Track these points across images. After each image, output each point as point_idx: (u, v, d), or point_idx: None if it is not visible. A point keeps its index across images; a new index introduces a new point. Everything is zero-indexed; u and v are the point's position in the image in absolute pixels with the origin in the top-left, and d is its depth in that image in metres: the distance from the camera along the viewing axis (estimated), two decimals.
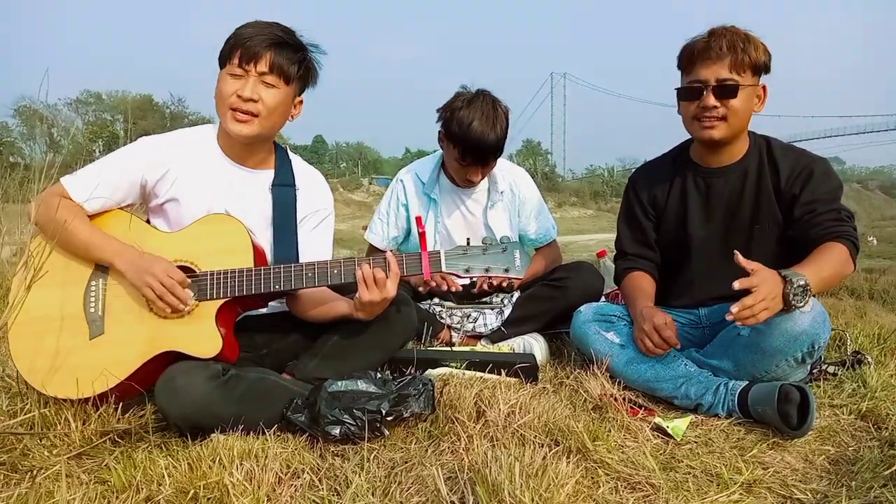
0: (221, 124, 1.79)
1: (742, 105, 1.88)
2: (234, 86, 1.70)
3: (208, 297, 1.66)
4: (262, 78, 1.71)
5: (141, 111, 48.19)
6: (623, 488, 1.36)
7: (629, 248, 2.23)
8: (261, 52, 1.69)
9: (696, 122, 1.93)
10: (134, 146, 1.81)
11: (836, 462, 1.52)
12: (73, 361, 1.61)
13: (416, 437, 1.61)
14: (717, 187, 2.04)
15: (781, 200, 1.95)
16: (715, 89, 1.86)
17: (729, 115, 1.88)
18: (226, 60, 1.72)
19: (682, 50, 1.94)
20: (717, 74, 1.86)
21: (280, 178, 1.88)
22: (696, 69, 1.89)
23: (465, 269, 1.69)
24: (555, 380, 2.09)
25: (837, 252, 1.78)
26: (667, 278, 2.17)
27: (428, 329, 2.41)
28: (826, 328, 1.76)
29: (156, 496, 1.27)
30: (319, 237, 1.96)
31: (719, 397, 1.80)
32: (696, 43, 1.90)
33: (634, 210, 2.22)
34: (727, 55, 1.84)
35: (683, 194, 2.10)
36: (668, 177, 2.15)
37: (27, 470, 1.40)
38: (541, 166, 74.51)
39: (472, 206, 2.70)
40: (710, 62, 1.86)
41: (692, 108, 1.92)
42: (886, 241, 15.81)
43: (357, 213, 41.69)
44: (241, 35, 1.70)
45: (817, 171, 1.91)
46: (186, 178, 1.78)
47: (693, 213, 2.08)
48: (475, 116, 2.35)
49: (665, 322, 1.88)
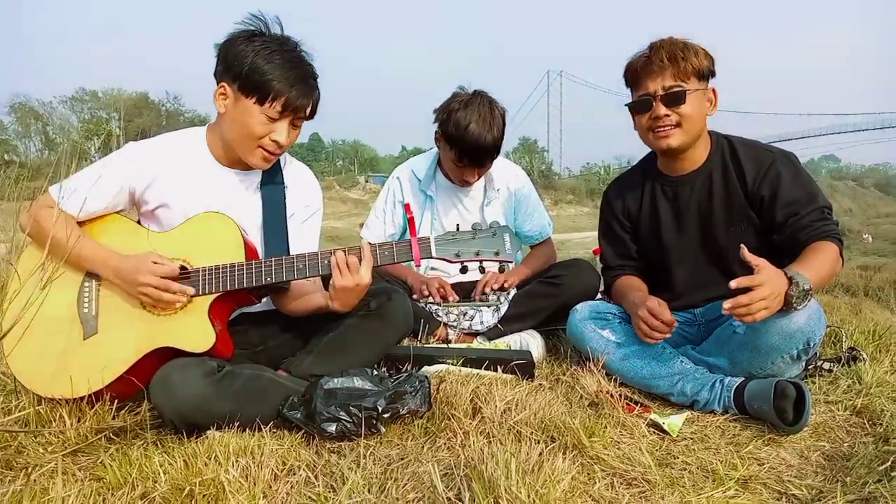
0: (226, 140, 1.78)
1: (693, 110, 1.91)
2: (267, 127, 1.70)
3: (201, 292, 1.66)
4: (295, 122, 1.75)
5: (137, 109, 48.05)
6: (619, 484, 1.37)
7: (613, 263, 2.26)
8: (304, 105, 1.72)
9: (651, 132, 1.96)
10: (120, 154, 1.78)
11: (831, 458, 1.52)
12: (68, 361, 1.61)
13: (413, 433, 1.61)
14: (683, 195, 2.06)
15: (751, 201, 1.96)
16: (663, 98, 1.89)
17: (682, 122, 1.91)
18: (262, 99, 1.67)
19: (627, 68, 1.99)
20: (662, 84, 1.89)
21: (269, 177, 1.89)
22: (643, 83, 1.93)
23: (455, 253, 1.69)
24: (551, 376, 2.10)
25: (830, 251, 1.80)
26: (656, 288, 2.15)
27: (424, 326, 2.41)
28: (821, 325, 1.77)
29: (151, 493, 1.27)
30: (308, 231, 1.97)
31: (715, 394, 1.80)
32: (639, 59, 1.94)
33: (612, 224, 2.25)
34: (669, 65, 1.88)
35: (654, 204, 2.12)
36: (639, 188, 2.17)
37: (22, 467, 1.40)
38: (537, 164, 74.46)
39: (468, 204, 2.70)
40: (655, 74, 1.90)
41: (644, 120, 1.96)
42: (881, 238, 15.86)
43: (353, 210, 41.63)
44: (283, 82, 1.66)
45: (783, 169, 1.91)
46: (176, 183, 1.77)
47: (665, 222, 2.10)
48: (472, 118, 2.35)
49: (659, 303, 1.88)
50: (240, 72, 1.66)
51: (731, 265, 1.98)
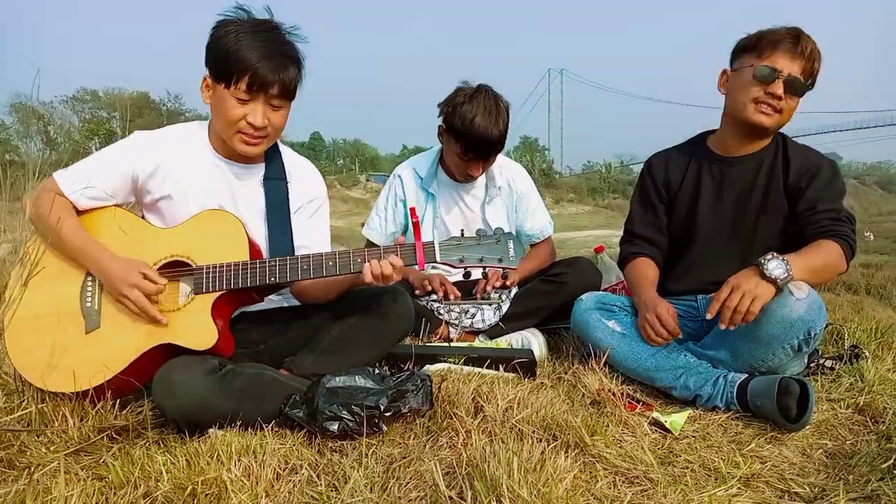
0: (216, 129, 1.79)
1: (796, 107, 1.95)
2: (241, 111, 1.67)
3: (204, 290, 1.66)
4: (270, 101, 1.70)
5: (137, 108, 47.96)
6: (621, 483, 1.37)
7: (639, 229, 2.26)
8: (271, 80, 1.65)
9: (754, 104, 1.95)
10: (126, 140, 1.80)
11: (834, 456, 1.52)
12: (70, 355, 1.61)
13: (415, 432, 1.61)
14: (730, 176, 2.09)
15: (789, 195, 2.00)
16: (788, 81, 1.89)
17: (784, 111, 1.94)
18: (228, 81, 1.64)
19: (764, 34, 1.94)
20: (792, 69, 1.89)
21: (271, 172, 1.88)
22: (776, 56, 1.91)
23: (458, 259, 1.69)
24: (553, 375, 2.10)
25: (829, 247, 1.84)
26: (669, 260, 2.22)
27: (426, 325, 2.41)
28: (822, 315, 1.77)
29: (154, 492, 1.27)
30: (317, 225, 1.97)
31: (718, 389, 1.80)
32: (781, 34, 1.92)
33: (649, 192, 2.26)
34: (805, 59, 1.90)
35: (697, 180, 2.15)
36: (685, 162, 2.20)
37: (24, 466, 1.39)
38: (538, 163, 74.37)
39: (469, 202, 2.70)
40: (792, 56, 1.90)
41: (756, 90, 1.93)
42: (883, 236, 15.83)
43: (354, 209, 41.60)
44: (246, 59, 1.62)
45: (824, 170, 1.98)
46: (179, 175, 1.77)
47: (704, 200, 2.12)
48: (478, 112, 2.35)
49: (668, 311, 1.93)
50: (212, 59, 1.68)
51: (751, 252, 2.01)
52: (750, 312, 1.70)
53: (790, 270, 1.71)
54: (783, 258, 1.72)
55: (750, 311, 1.69)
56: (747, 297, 1.69)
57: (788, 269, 1.71)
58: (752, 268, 1.74)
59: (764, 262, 1.71)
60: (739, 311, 1.70)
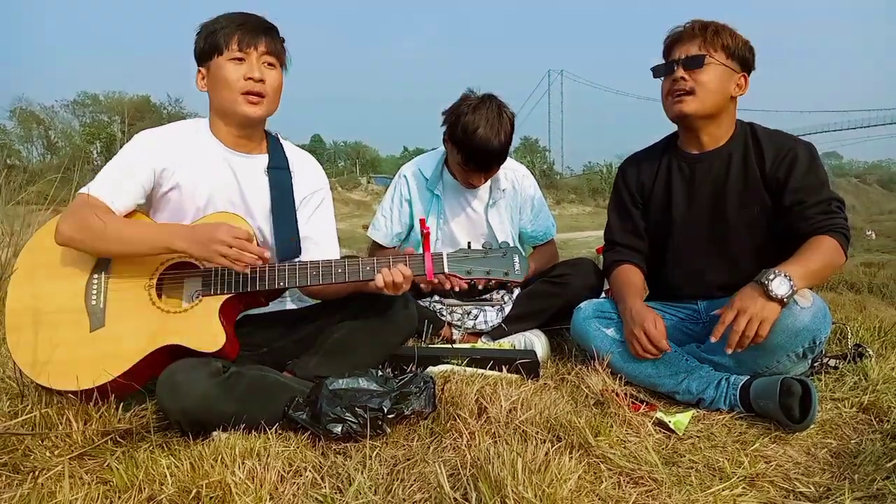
0: (220, 113, 1.81)
1: (711, 80, 1.93)
2: (239, 70, 1.74)
3: (212, 292, 1.66)
4: (263, 58, 1.76)
5: (138, 112, 48.02)
6: (625, 483, 1.36)
7: (618, 238, 2.24)
8: (259, 34, 1.75)
9: (669, 97, 2.00)
10: (134, 141, 1.81)
11: (839, 455, 1.52)
12: (74, 353, 1.61)
13: (418, 434, 1.61)
14: (699, 173, 2.06)
15: (768, 184, 1.96)
16: (683, 62, 1.94)
17: (697, 89, 1.93)
18: (220, 49, 1.74)
19: (664, 40, 2.04)
20: (686, 52, 1.95)
21: (274, 162, 1.90)
22: (671, 51, 1.99)
23: (466, 271, 1.72)
24: (556, 376, 2.09)
25: (826, 244, 1.80)
26: (661, 269, 2.18)
27: (428, 326, 2.40)
28: (827, 323, 1.76)
29: (158, 496, 1.27)
30: (322, 218, 1.98)
31: (721, 392, 1.80)
32: (674, 30, 2.01)
33: (623, 198, 2.25)
34: (699, 35, 1.94)
35: (668, 180, 2.13)
36: (655, 163, 2.18)
37: (29, 470, 1.40)
38: (539, 164, 74.37)
39: (475, 204, 2.69)
40: (683, 42, 1.97)
41: (665, 84, 2.01)
42: (885, 235, 15.81)
43: (356, 211, 41.61)
44: (231, 24, 1.74)
45: (801, 155, 1.93)
46: (186, 166, 1.79)
47: (677, 199, 2.10)
48: (480, 123, 2.32)
49: (656, 325, 1.89)
50: (201, 44, 1.77)
51: (735, 249, 2.00)
52: (758, 336, 1.66)
53: (794, 286, 1.66)
54: (785, 273, 1.66)
55: (758, 335, 1.66)
56: (755, 322, 1.65)
57: (791, 284, 1.66)
58: (756, 287, 1.68)
59: (767, 282, 1.66)
60: (747, 335, 1.66)
